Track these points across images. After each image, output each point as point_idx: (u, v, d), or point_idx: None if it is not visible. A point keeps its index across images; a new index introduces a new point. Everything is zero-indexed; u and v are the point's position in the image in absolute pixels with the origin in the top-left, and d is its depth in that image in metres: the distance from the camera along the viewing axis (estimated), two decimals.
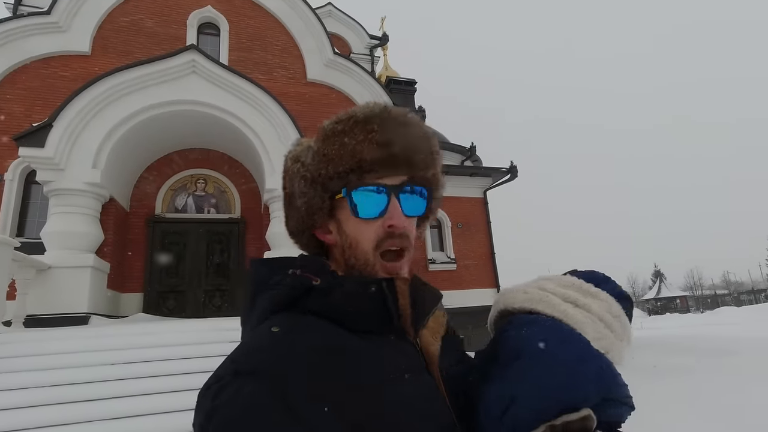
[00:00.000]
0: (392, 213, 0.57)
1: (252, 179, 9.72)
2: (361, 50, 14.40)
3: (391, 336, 0.56)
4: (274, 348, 0.49)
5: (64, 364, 3.90)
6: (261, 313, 0.57)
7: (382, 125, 0.58)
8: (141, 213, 8.86)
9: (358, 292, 0.54)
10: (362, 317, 0.54)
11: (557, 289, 0.66)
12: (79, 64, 8.77)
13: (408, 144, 0.58)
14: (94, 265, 6.74)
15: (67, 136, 6.86)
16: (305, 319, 0.53)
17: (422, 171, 0.60)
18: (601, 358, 0.58)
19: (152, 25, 9.55)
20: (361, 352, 0.51)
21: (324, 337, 0.51)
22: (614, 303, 0.66)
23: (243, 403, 0.43)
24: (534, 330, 0.59)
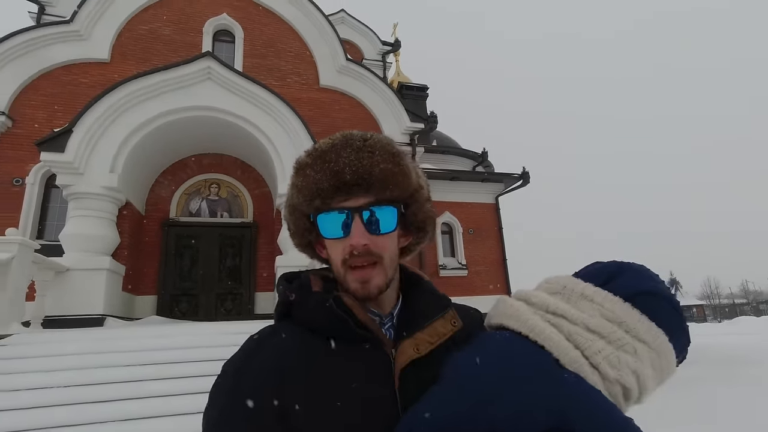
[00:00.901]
0: (353, 233, 0.62)
1: (264, 184, 9.81)
2: (373, 56, 14.49)
3: (366, 345, 0.61)
4: (241, 352, 0.63)
5: (79, 365, 3.97)
6: (274, 321, 0.69)
7: (338, 154, 0.64)
8: (156, 217, 9.01)
9: (317, 307, 0.62)
10: (327, 328, 0.61)
11: (541, 296, 0.60)
12: (98, 71, 9.00)
13: (364, 168, 0.63)
14: (110, 267, 6.87)
15: (86, 142, 7.02)
16: (284, 328, 0.64)
17: (385, 191, 0.64)
18: (501, 401, 0.48)
19: (169, 33, 9.76)
20: (312, 359, 0.59)
21: (283, 345, 0.61)
22: (617, 305, 0.55)
23: (211, 394, 0.61)
24: (463, 355, 0.57)
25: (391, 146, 0.68)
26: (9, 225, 6.62)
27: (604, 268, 0.61)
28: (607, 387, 0.52)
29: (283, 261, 7.64)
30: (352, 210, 0.63)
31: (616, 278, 0.59)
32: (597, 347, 0.53)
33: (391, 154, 0.66)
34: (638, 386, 0.53)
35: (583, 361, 0.53)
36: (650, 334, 0.54)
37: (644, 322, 0.55)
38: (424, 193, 0.70)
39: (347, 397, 0.56)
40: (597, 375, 0.52)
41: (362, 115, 10.71)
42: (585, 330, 0.55)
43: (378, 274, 0.63)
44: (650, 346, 0.54)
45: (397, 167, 0.66)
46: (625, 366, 0.52)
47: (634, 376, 0.52)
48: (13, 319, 5.16)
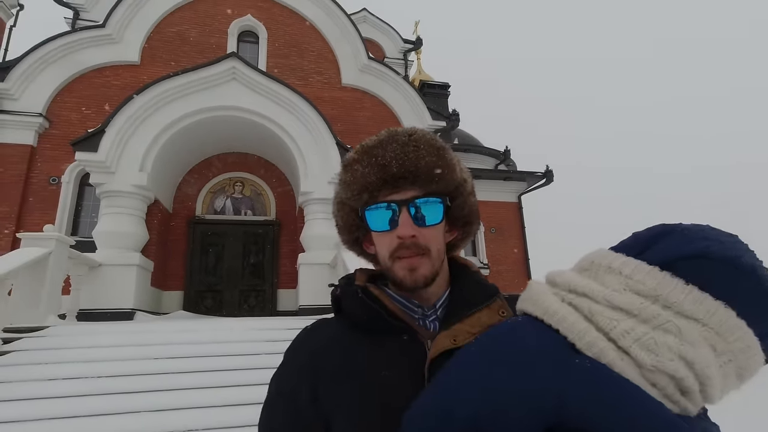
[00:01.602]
0: (400, 225, 0.64)
1: (287, 182, 9.94)
2: (395, 55, 14.47)
3: (403, 336, 0.63)
4: (292, 342, 0.71)
5: (110, 357, 4.12)
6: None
7: (384, 149, 0.66)
8: (183, 214, 9.25)
9: (352, 298, 0.66)
10: (364, 320, 0.65)
11: (567, 275, 0.53)
12: (129, 73, 9.30)
13: (410, 162, 0.65)
14: (139, 263, 7.10)
15: (118, 141, 7.27)
16: (331, 321, 0.70)
17: (431, 184, 0.66)
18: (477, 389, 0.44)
19: (196, 35, 9.99)
20: (348, 350, 0.63)
21: (325, 335, 0.68)
22: (649, 274, 0.45)
23: (272, 378, 0.70)
24: (468, 344, 0.54)
25: (435, 140, 0.69)
26: (46, 222, 6.94)
27: (645, 233, 0.51)
28: (647, 377, 0.43)
29: (306, 258, 7.73)
30: (399, 203, 0.64)
31: (657, 244, 0.48)
32: (624, 327, 0.44)
33: (435, 148, 0.68)
34: (694, 376, 0.42)
35: (605, 344, 0.44)
36: (701, 308, 0.43)
37: (691, 293, 0.43)
38: (467, 187, 0.71)
39: (375, 386, 0.59)
40: (628, 361, 0.43)
41: (384, 114, 10.71)
42: (608, 308, 0.46)
43: (425, 264, 0.64)
44: (704, 323, 0.43)
45: (442, 160, 0.67)
46: (666, 349, 0.42)
47: (681, 361, 0.42)
48: (51, 311, 5.40)
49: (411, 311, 0.68)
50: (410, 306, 0.68)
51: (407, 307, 0.68)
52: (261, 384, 3.89)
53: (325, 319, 0.73)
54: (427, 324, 0.67)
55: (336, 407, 0.60)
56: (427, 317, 0.67)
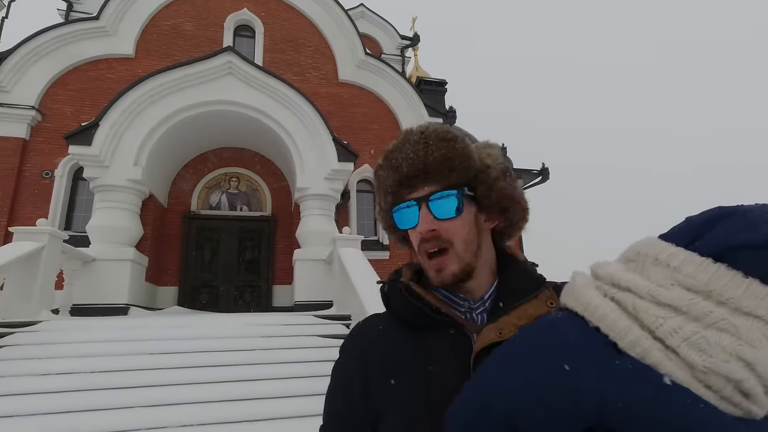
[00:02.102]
0: (419, 221, 0.66)
1: (283, 178, 9.90)
2: (392, 51, 14.41)
3: (450, 330, 0.64)
4: (348, 335, 0.76)
5: (104, 352, 4.09)
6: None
7: (399, 151, 0.69)
8: (178, 209, 9.20)
9: (396, 295, 0.68)
10: (409, 315, 0.67)
11: (611, 267, 0.50)
12: (124, 66, 9.21)
13: (419, 159, 0.67)
14: (134, 258, 7.05)
15: (112, 135, 7.20)
16: (380, 316, 0.74)
17: (444, 177, 0.66)
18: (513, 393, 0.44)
19: (191, 28, 9.90)
20: (395, 344, 0.66)
21: (375, 330, 0.71)
22: (701, 267, 0.41)
23: (332, 369, 0.74)
24: (513, 337, 0.52)
25: (445, 133, 0.69)
26: (39, 216, 6.86)
27: (699, 218, 0.45)
28: (700, 378, 0.39)
29: (301, 254, 7.71)
30: (417, 200, 0.67)
31: (712, 230, 0.43)
32: (672, 325, 0.40)
33: (445, 140, 0.68)
34: (756, 378, 0.38)
35: (651, 343, 0.41)
36: (764, 304, 0.38)
37: (750, 287, 0.39)
38: (491, 173, 0.69)
39: (422, 381, 0.60)
40: (678, 362, 0.40)
41: (381, 110, 10.68)
42: (654, 304, 0.42)
43: (451, 261, 0.65)
44: (766, 320, 0.38)
45: (453, 152, 0.67)
46: (720, 349, 0.38)
47: (739, 362, 0.38)
48: (43, 306, 5.36)
49: (457, 305, 0.68)
50: (456, 300, 0.69)
51: (453, 301, 0.69)
52: (256, 379, 3.89)
53: (377, 314, 0.75)
54: (474, 317, 0.67)
55: (386, 403, 0.62)
56: (475, 310, 0.67)
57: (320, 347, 4.66)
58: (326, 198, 8.14)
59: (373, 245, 9.56)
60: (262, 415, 3.38)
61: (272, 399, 3.61)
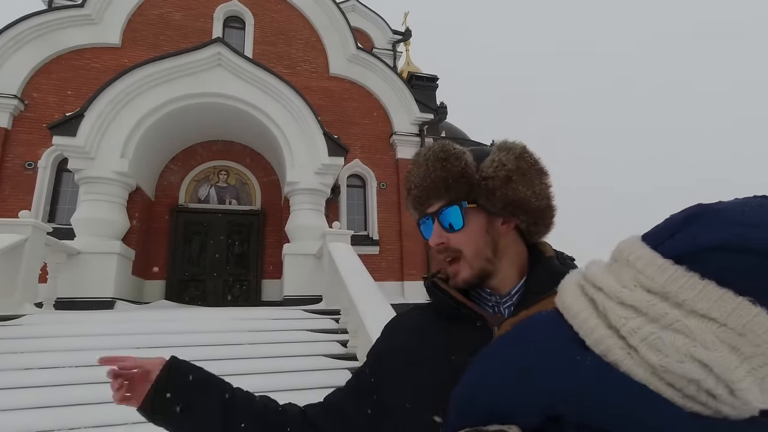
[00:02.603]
0: (431, 235, 0.74)
1: (273, 172, 9.84)
2: (383, 45, 14.34)
3: (477, 323, 0.70)
4: (392, 318, 0.86)
5: (90, 346, 4.05)
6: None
7: (411, 174, 0.77)
8: (165, 202, 9.09)
9: (429, 291, 0.76)
10: (442, 309, 0.74)
11: (595, 267, 0.52)
12: (110, 55, 9.02)
13: (421, 180, 0.74)
14: (120, 251, 6.97)
15: (98, 126, 7.07)
16: (421, 307, 0.81)
17: (443, 195, 0.73)
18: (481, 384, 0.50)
19: (180, 19, 9.73)
20: (428, 333, 0.73)
21: (409, 320, 0.81)
22: (659, 270, 0.42)
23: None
24: (504, 333, 0.58)
25: (440, 152, 0.74)
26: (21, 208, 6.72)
27: (674, 219, 0.46)
28: (662, 377, 0.41)
29: (291, 249, 7.69)
30: (430, 215, 0.75)
31: (681, 230, 0.43)
32: (633, 326, 0.42)
33: (439, 160, 0.74)
34: (717, 381, 0.38)
35: (614, 341, 0.43)
36: (717, 306, 0.39)
37: (704, 289, 0.39)
38: (492, 183, 0.71)
39: (443, 367, 0.66)
40: (639, 360, 0.42)
41: (372, 105, 10.64)
42: (619, 305, 0.44)
43: (463, 268, 0.72)
44: (720, 322, 0.39)
45: (446, 171, 0.73)
46: (674, 350, 0.39)
47: (694, 363, 0.38)
48: (27, 299, 5.27)
49: (483, 300, 0.75)
50: (483, 295, 0.75)
51: (480, 296, 0.75)
52: (243, 374, 3.88)
53: (418, 305, 0.83)
54: (502, 310, 0.73)
55: (410, 386, 0.69)
56: (503, 304, 0.73)
57: (309, 342, 4.67)
58: (316, 192, 8.12)
59: (362, 240, 9.57)
60: None
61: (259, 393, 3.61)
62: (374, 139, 10.46)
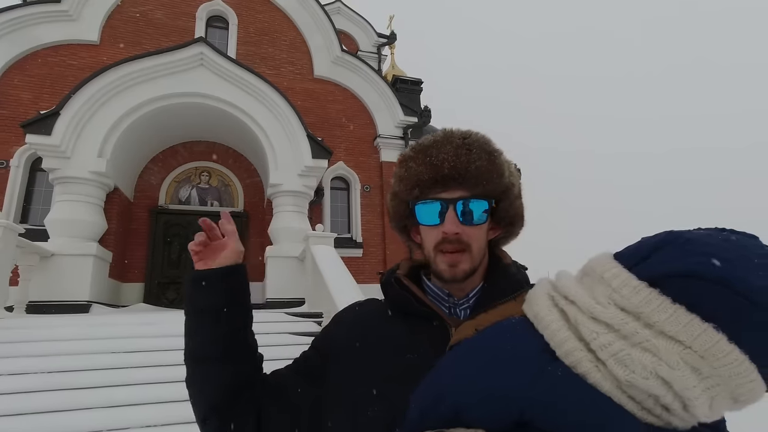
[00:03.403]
0: (446, 221, 0.69)
1: (256, 173, 9.74)
2: (368, 48, 14.39)
3: (434, 322, 0.69)
4: (345, 307, 0.82)
5: (64, 351, 3.93)
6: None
7: (439, 150, 0.71)
8: (144, 204, 8.90)
9: (388, 285, 0.75)
10: (400, 305, 0.73)
11: (566, 279, 0.54)
12: (87, 53, 8.80)
13: (461, 164, 0.69)
14: (96, 253, 6.78)
15: (74, 125, 6.89)
16: (376, 301, 0.80)
17: (479, 186, 0.70)
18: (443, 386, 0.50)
19: (161, 17, 9.57)
20: (384, 328, 0.72)
21: (370, 310, 0.78)
22: (635, 291, 0.44)
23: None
24: (473, 336, 0.57)
25: (488, 145, 0.73)
26: None
27: (647, 242, 0.48)
28: (625, 390, 0.44)
29: (274, 251, 7.62)
30: (447, 201, 0.70)
31: (654, 255, 0.46)
32: (603, 341, 0.44)
33: (487, 152, 0.71)
34: (674, 397, 0.42)
35: (583, 354, 0.45)
36: (684, 330, 0.41)
37: (674, 313, 0.42)
38: (515, 191, 0.74)
39: (399, 364, 0.65)
40: (606, 373, 0.44)
41: (356, 108, 10.66)
42: (591, 319, 0.46)
43: (465, 260, 0.70)
44: (686, 345, 0.41)
45: (492, 165, 0.71)
46: (641, 367, 0.42)
47: (658, 380, 0.41)
48: None
49: (440, 300, 0.74)
50: (441, 295, 0.74)
51: (438, 296, 0.74)
52: None
53: (375, 299, 0.81)
54: (458, 312, 0.72)
55: (363, 378, 0.66)
56: (459, 306, 0.73)
57: (291, 345, 4.63)
58: (299, 195, 8.07)
59: (346, 243, 9.55)
60: None
61: None
62: (358, 141, 10.47)
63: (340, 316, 0.81)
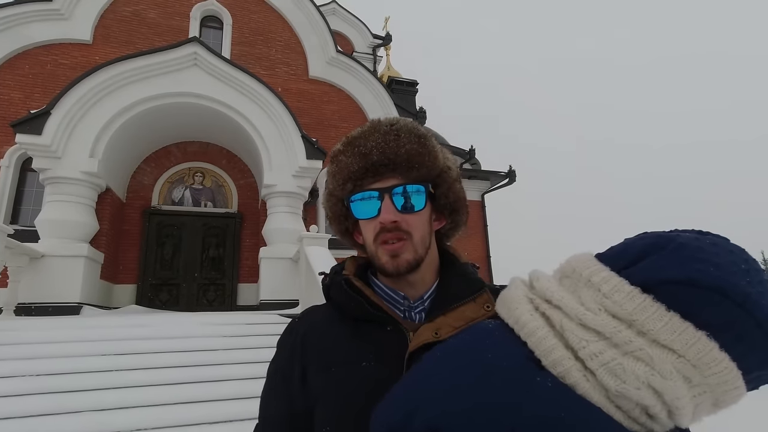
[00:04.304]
0: (382, 211, 0.65)
1: (250, 174, 9.69)
2: (363, 49, 14.39)
3: (387, 327, 0.64)
4: (287, 326, 0.74)
5: (53, 354, 3.87)
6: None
7: (367, 139, 0.68)
8: (137, 204, 8.82)
9: (337, 288, 0.68)
10: (349, 308, 0.66)
11: (545, 280, 0.51)
12: (79, 52, 8.72)
13: (391, 150, 0.66)
14: (88, 255, 6.70)
15: (65, 125, 6.81)
16: (321, 308, 0.74)
17: (412, 171, 0.66)
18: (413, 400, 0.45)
19: (155, 16, 9.50)
20: (332, 336, 0.66)
21: (314, 320, 0.71)
22: (628, 297, 0.43)
23: (271, 361, 0.73)
24: (446, 343, 0.53)
25: (416, 129, 0.70)
26: None
27: (636, 243, 0.46)
28: (613, 399, 0.42)
29: (268, 252, 7.57)
30: (381, 190, 0.66)
31: (645, 259, 0.44)
32: (593, 350, 0.42)
33: (416, 135, 0.69)
34: (663, 406, 0.41)
35: (572, 364, 0.43)
36: (679, 339, 0.40)
37: (670, 321, 0.41)
38: (452, 174, 0.71)
39: (354, 373, 0.61)
40: (595, 383, 0.42)
41: (351, 109, 10.64)
42: (580, 326, 0.44)
43: (407, 249, 0.65)
44: (679, 354, 0.40)
45: (423, 148, 0.68)
46: (633, 377, 0.40)
47: (649, 390, 0.40)
48: None
49: (395, 303, 0.68)
50: (395, 297, 0.68)
51: (392, 298, 0.69)
52: (217, 380, 3.79)
53: (317, 306, 0.75)
54: (413, 315, 0.67)
55: (320, 392, 0.62)
56: (414, 309, 0.68)
57: None
58: (294, 195, 8.03)
59: (340, 244, 9.48)
60: (221, 416, 3.30)
61: (232, 400, 3.53)
62: None
63: (282, 342, 0.72)
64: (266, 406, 0.68)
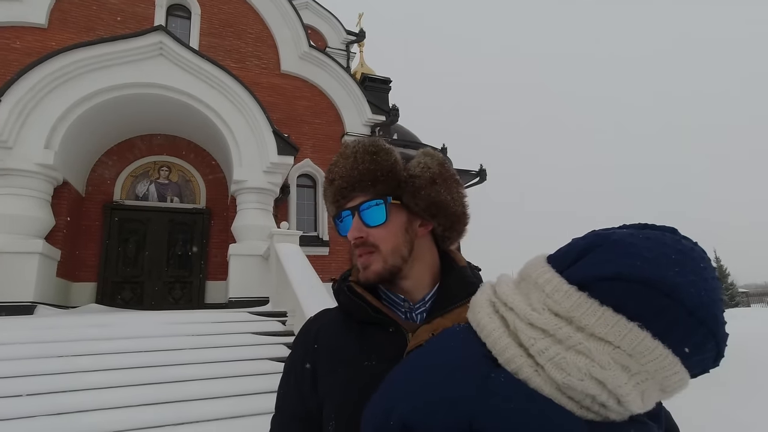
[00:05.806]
0: (350, 229, 0.71)
1: (219, 169, 9.44)
2: (337, 45, 14.26)
3: (390, 328, 0.69)
4: (303, 326, 0.80)
5: (5, 356, 3.66)
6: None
7: (335, 165, 0.75)
8: (98, 199, 8.42)
9: (341, 293, 0.74)
10: (354, 312, 0.72)
11: (505, 285, 0.55)
12: (33, 36, 8.22)
13: (348, 173, 0.72)
14: (42, 251, 6.35)
15: (17, 113, 6.41)
16: (331, 311, 0.80)
17: (369, 188, 0.71)
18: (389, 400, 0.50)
19: (117, 2, 9.08)
20: (339, 337, 0.72)
21: (325, 322, 0.77)
22: (566, 295, 0.46)
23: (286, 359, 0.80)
24: (420, 347, 0.58)
25: (371, 146, 0.73)
26: None
27: (579, 243, 0.50)
28: (563, 391, 0.46)
29: (237, 249, 7.42)
30: (351, 209, 0.73)
31: (584, 258, 0.48)
32: (541, 346, 0.46)
33: (369, 153, 0.72)
34: (609, 394, 0.44)
35: (523, 360, 0.47)
36: (612, 331, 0.43)
37: (603, 315, 0.44)
38: (418, 182, 0.72)
39: (358, 373, 0.66)
40: (545, 377, 0.46)
41: (324, 105, 10.54)
42: (529, 326, 0.48)
43: (375, 261, 0.71)
44: (615, 345, 0.43)
45: (375, 164, 0.71)
46: (576, 369, 0.44)
47: (592, 381, 0.43)
48: None
49: (396, 305, 0.73)
50: (396, 300, 0.74)
51: (393, 301, 0.74)
52: (182, 381, 3.69)
53: (329, 309, 0.81)
54: (414, 317, 0.72)
55: (327, 391, 0.68)
56: (415, 310, 0.73)
57: (253, 345, 4.52)
58: (264, 192, 7.89)
59: (312, 241, 9.43)
60: (185, 418, 3.22)
61: (197, 401, 3.45)
62: (326, 138, 10.36)
63: (296, 341, 0.79)
64: (282, 402, 0.76)
